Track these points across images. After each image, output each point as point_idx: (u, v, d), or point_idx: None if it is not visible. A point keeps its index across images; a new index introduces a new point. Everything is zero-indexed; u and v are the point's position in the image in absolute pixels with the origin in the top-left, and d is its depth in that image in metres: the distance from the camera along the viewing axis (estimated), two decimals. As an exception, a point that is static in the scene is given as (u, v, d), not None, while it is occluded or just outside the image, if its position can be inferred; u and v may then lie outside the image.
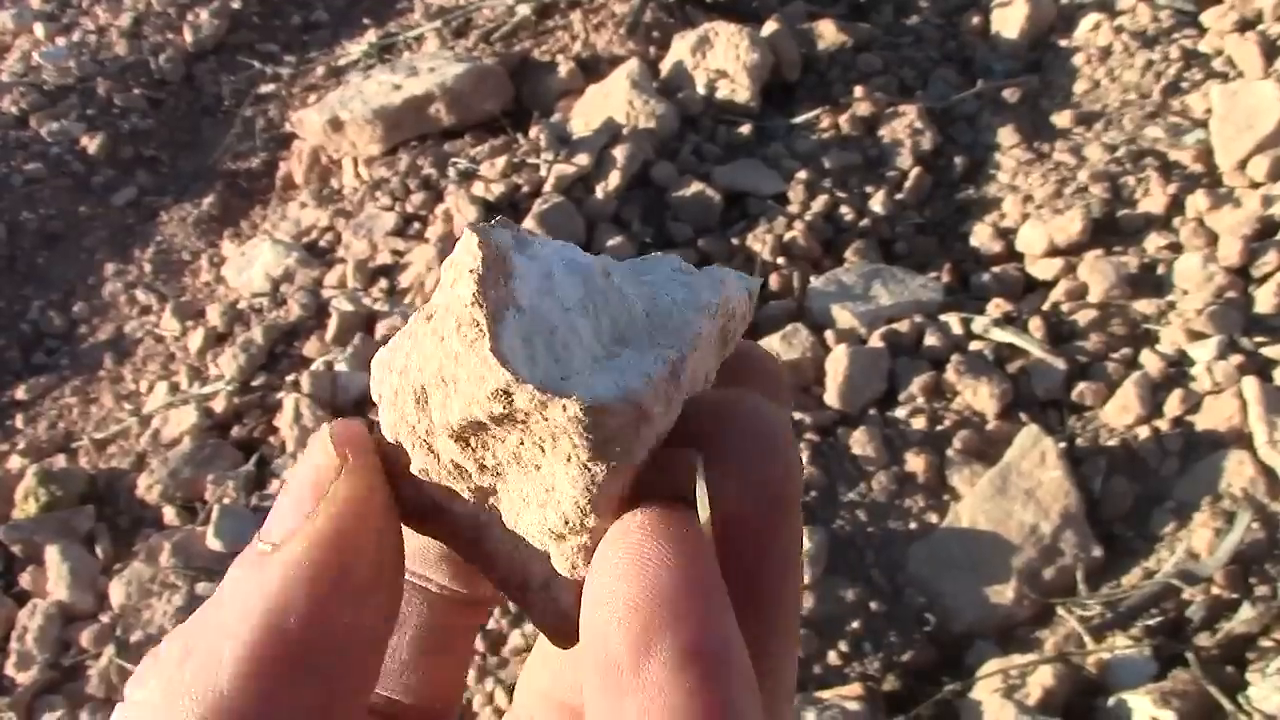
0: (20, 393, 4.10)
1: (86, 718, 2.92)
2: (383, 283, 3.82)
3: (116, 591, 3.13)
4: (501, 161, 4.01)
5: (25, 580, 3.27)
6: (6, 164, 4.95)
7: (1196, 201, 3.44)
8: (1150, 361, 3.10)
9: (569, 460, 0.48)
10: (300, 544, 0.47)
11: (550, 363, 0.48)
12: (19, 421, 3.96)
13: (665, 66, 4.32)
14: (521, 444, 0.49)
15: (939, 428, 3.06)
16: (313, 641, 0.47)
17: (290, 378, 3.60)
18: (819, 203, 3.76)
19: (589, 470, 0.48)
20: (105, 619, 3.11)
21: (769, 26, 4.30)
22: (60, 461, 3.66)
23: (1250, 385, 2.91)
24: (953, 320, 3.30)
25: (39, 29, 5.74)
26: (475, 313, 0.47)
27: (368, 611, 0.49)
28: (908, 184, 3.84)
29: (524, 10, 4.79)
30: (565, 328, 0.49)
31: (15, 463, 3.69)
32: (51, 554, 3.26)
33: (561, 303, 0.49)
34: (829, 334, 3.32)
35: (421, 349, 0.50)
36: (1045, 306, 3.35)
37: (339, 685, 0.48)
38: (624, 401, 0.46)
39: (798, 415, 3.11)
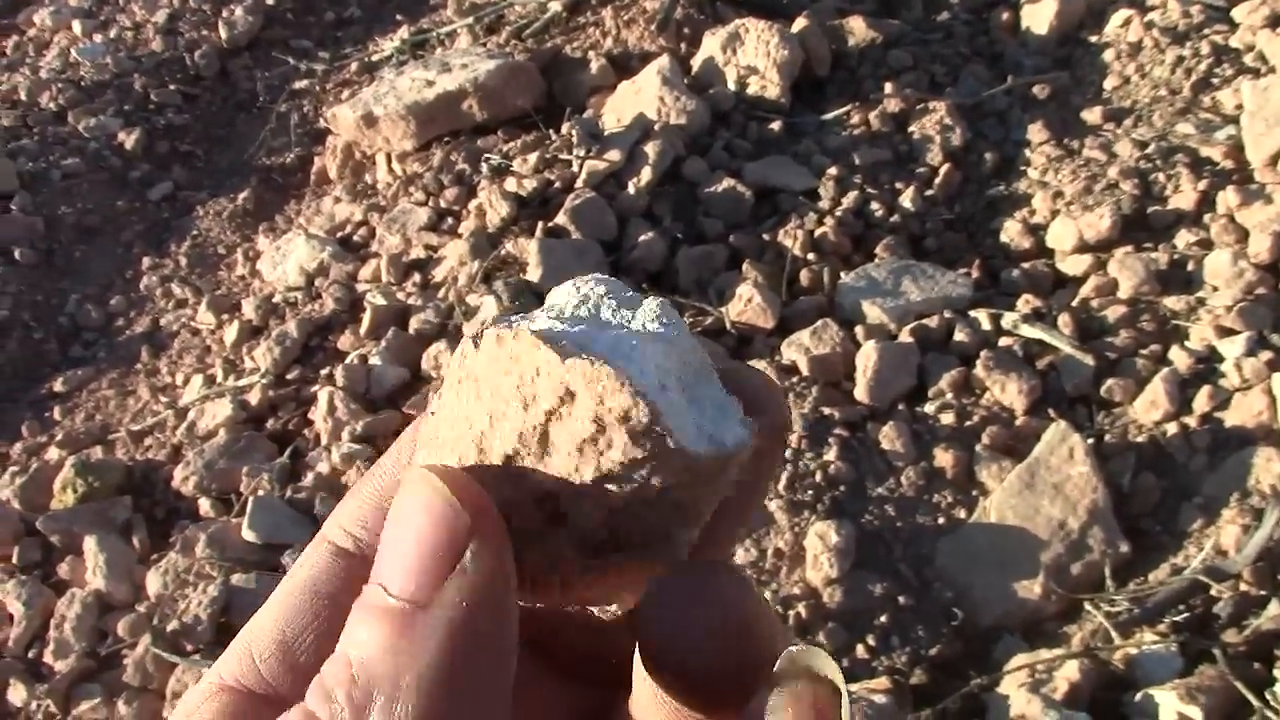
0: (58, 385, 4.14)
1: (123, 706, 2.95)
2: (416, 277, 3.84)
3: (153, 581, 3.16)
4: (534, 157, 4.03)
5: (63, 570, 3.30)
6: (45, 159, 4.99)
7: (1227, 198, 3.44)
8: (1179, 358, 3.10)
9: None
10: (458, 600, 0.51)
11: None
12: (56, 413, 4.00)
13: (696, 63, 4.34)
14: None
15: (968, 423, 3.07)
16: (479, 693, 0.51)
17: (324, 371, 3.63)
18: (849, 199, 3.77)
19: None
20: (142, 609, 3.14)
21: (799, 23, 4.31)
22: (97, 453, 3.69)
23: (1280, 382, 2.92)
24: (982, 316, 3.31)
25: (77, 26, 5.78)
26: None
27: (508, 667, 0.53)
28: (938, 180, 3.85)
29: (555, 7, 4.81)
30: None
31: (53, 454, 3.73)
32: (89, 544, 3.29)
33: None
34: (859, 329, 3.33)
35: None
36: (1074, 303, 3.36)
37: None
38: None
39: (827, 410, 3.12)
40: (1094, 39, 4.26)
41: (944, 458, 2.99)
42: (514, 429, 0.54)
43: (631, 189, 3.85)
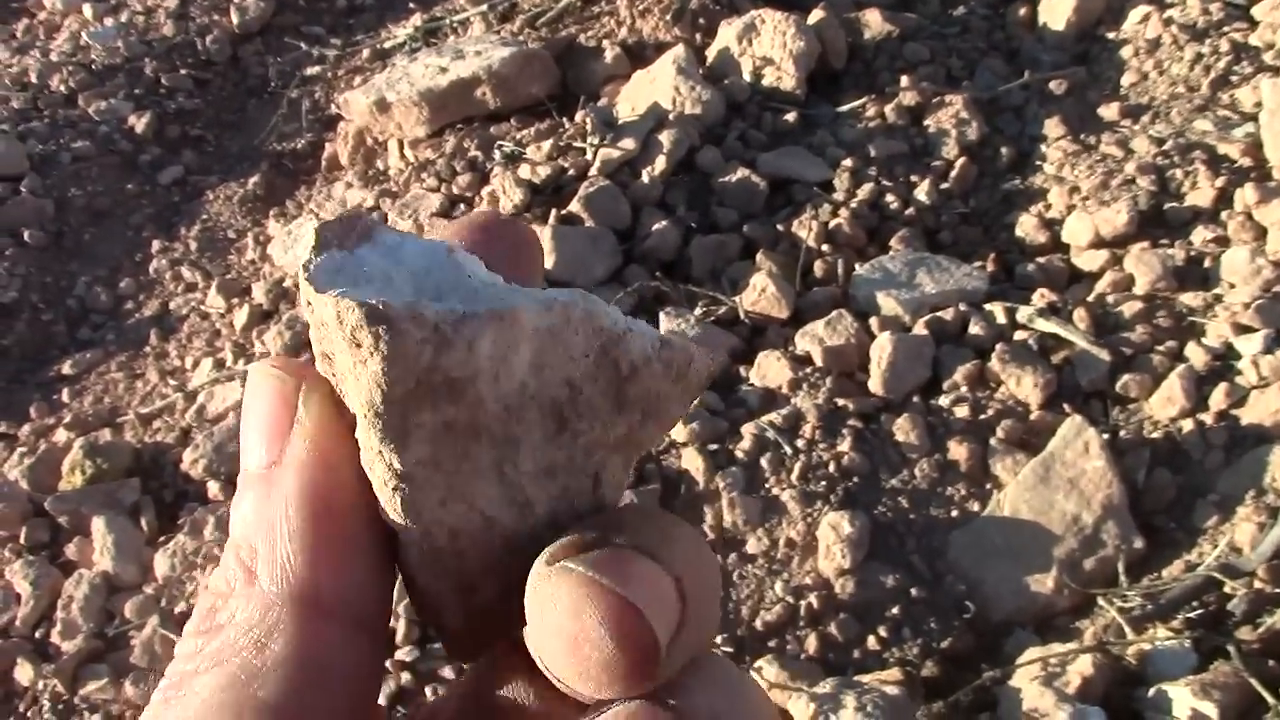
0: (67, 367, 4.14)
1: (130, 687, 2.94)
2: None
3: (161, 563, 3.16)
4: (547, 145, 4.02)
5: (71, 551, 3.30)
6: (55, 142, 4.99)
7: (1245, 195, 3.42)
8: (1196, 354, 3.09)
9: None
10: (300, 445, 0.55)
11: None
12: (65, 396, 3.99)
13: (711, 53, 4.33)
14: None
15: (982, 416, 3.06)
16: (348, 517, 0.55)
17: (334, 356, 3.62)
18: (864, 191, 3.76)
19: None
20: (149, 590, 3.14)
21: (816, 14, 4.29)
22: (106, 435, 3.68)
23: (1296, 380, 2.91)
24: (997, 310, 3.30)
25: (87, 9, 5.77)
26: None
27: (367, 489, 0.55)
28: (953, 173, 3.84)
29: (571, -5, 4.81)
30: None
31: (61, 436, 3.72)
32: (97, 525, 3.29)
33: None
34: (873, 321, 3.32)
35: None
36: (1090, 298, 3.35)
37: (380, 554, 0.56)
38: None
39: (841, 402, 3.11)
40: (1112, 35, 4.25)
41: (958, 450, 2.98)
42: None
43: (645, 178, 3.84)
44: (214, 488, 3.37)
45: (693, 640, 0.54)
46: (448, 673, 2.80)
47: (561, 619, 0.51)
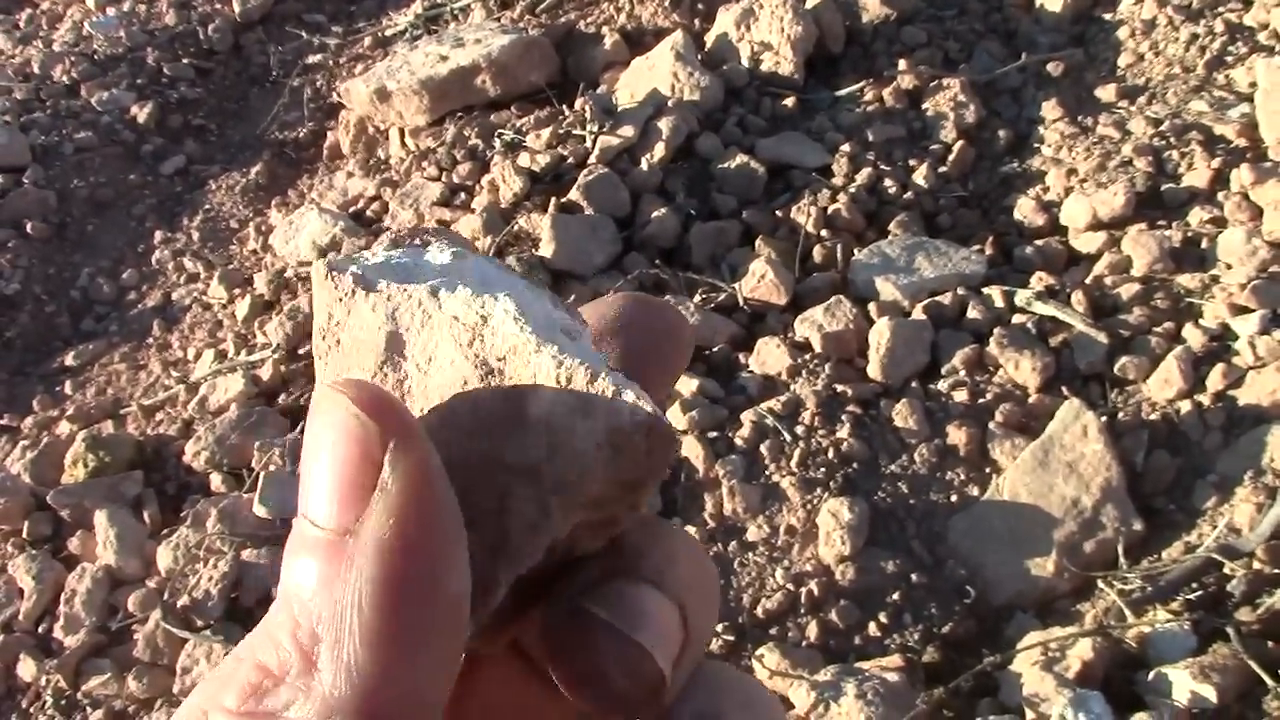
0: (69, 359, 4.15)
1: (133, 681, 2.95)
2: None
3: (164, 556, 3.17)
4: (547, 133, 4.02)
5: (74, 545, 3.31)
6: (58, 133, 5.00)
7: (1241, 175, 3.43)
8: (1193, 336, 3.10)
9: None
10: (384, 521, 0.48)
11: None
12: (68, 387, 4.01)
13: (710, 39, 4.33)
14: None
15: (981, 401, 3.07)
16: (429, 615, 0.48)
17: (337, 346, 3.62)
18: (862, 175, 3.77)
19: None
20: (152, 584, 3.15)
21: (813, -1, 4.30)
22: (109, 427, 3.70)
23: (1293, 360, 2.91)
24: (995, 293, 3.30)
25: (89, -1, 5.79)
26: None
27: (458, 576, 0.50)
28: (951, 157, 3.84)
29: (569, -19, 4.81)
30: None
31: (64, 428, 3.74)
32: (100, 519, 3.30)
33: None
34: (872, 306, 3.33)
35: None
36: (1088, 280, 3.35)
37: (454, 649, 0.50)
38: None
39: (840, 388, 3.12)
40: (1108, 16, 4.25)
41: (957, 435, 2.98)
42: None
43: (645, 165, 3.84)
44: (216, 480, 3.38)
45: (692, 656, 0.57)
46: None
47: (578, 655, 0.55)
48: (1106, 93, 3.96)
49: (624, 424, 0.51)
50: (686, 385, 3.15)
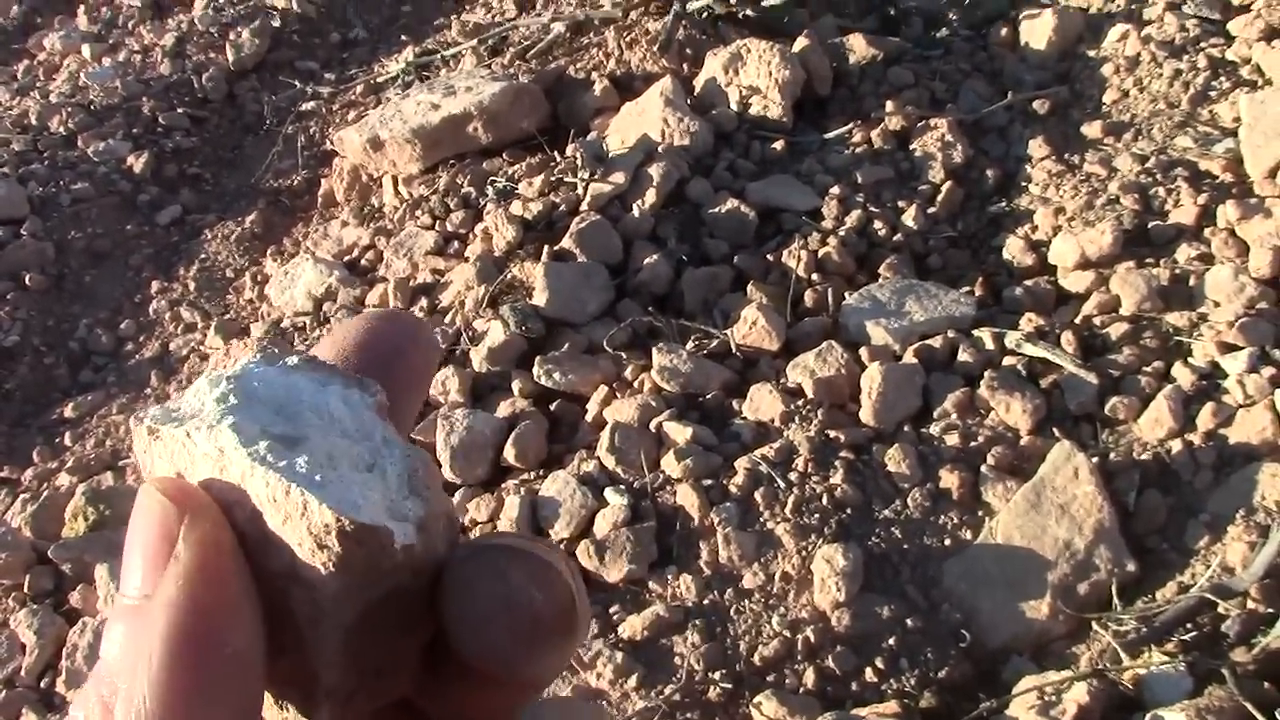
0: (69, 410, 4.18)
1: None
2: (423, 301, 3.86)
3: (166, 612, 3.18)
4: (539, 180, 4.05)
5: (75, 599, 3.33)
6: (55, 184, 5.03)
7: (1227, 211, 3.45)
8: (1182, 375, 3.11)
9: None
10: (173, 584, 0.52)
11: None
12: (67, 439, 4.03)
13: (699, 83, 4.36)
14: None
15: (973, 444, 3.09)
16: (212, 667, 0.52)
17: (334, 397, 3.64)
18: (852, 218, 3.79)
19: None
20: (155, 639, 3.16)
21: (800, 42, 4.33)
22: (108, 479, 3.71)
23: (1283, 398, 2.93)
24: (985, 336, 3.32)
25: (86, 50, 5.83)
26: None
27: (243, 634, 0.53)
28: (940, 197, 3.87)
29: (559, 28, 4.84)
30: None
31: (64, 480, 3.76)
32: (101, 573, 3.32)
33: None
34: (863, 351, 3.35)
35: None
36: (1077, 320, 3.37)
37: (240, 704, 0.53)
38: None
39: (833, 433, 3.14)
40: (1092, 53, 4.28)
41: (950, 479, 3.00)
42: None
43: (636, 211, 3.87)
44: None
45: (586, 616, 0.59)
46: None
47: (489, 584, 0.55)
48: (1092, 130, 3.98)
49: (317, 531, 0.53)
50: (680, 433, 3.17)
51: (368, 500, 0.53)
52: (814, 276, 3.64)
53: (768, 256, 3.74)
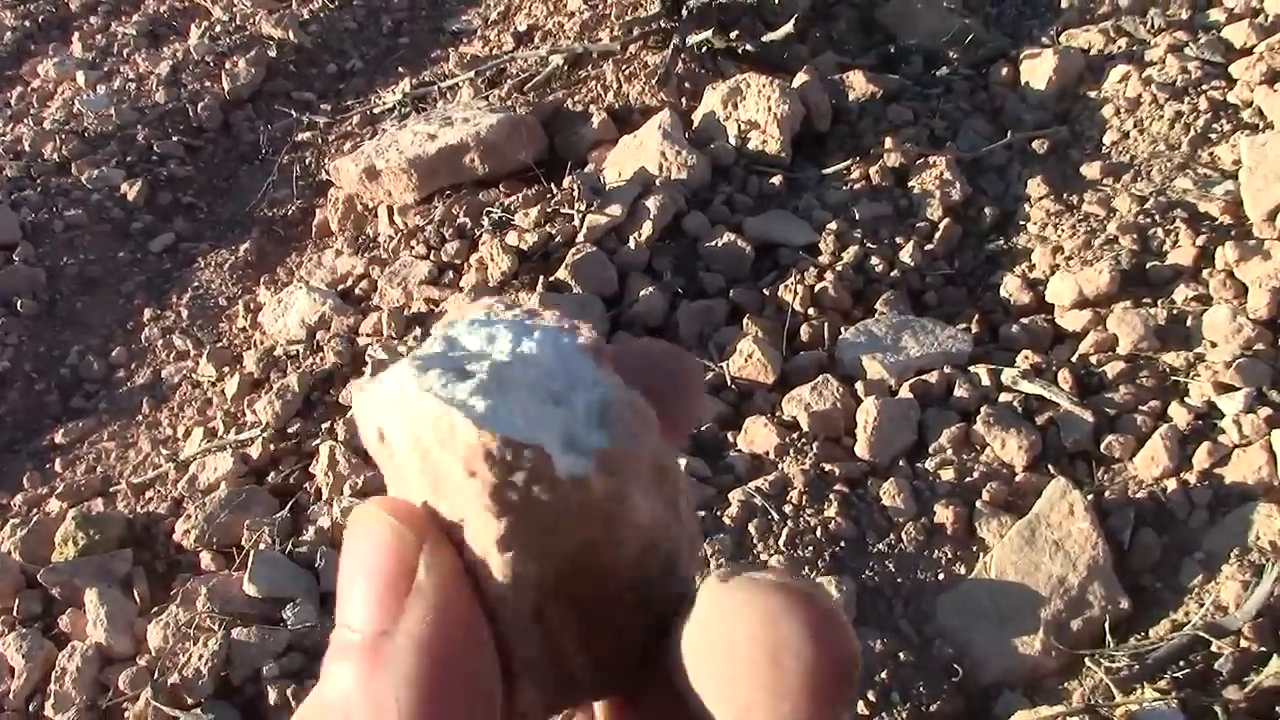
0: (59, 436, 4.15)
1: (123, 761, 2.95)
2: (418, 331, 3.84)
3: (154, 635, 3.16)
4: (535, 211, 4.04)
5: (64, 623, 3.31)
6: (48, 210, 5.02)
7: (1225, 253, 3.45)
8: (1179, 414, 3.11)
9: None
10: (419, 621, 0.48)
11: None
12: (58, 465, 4.01)
13: (697, 117, 4.36)
14: None
15: (968, 479, 3.08)
16: (461, 707, 0.48)
17: (326, 425, 3.63)
18: (849, 253, 3.79)
19: None
20: (143, 662, 3.13)
21: (800, 78, 4.33)
22: (98, 505, 3.69)
23: (1280, 438, 2.93)
24: (982, 372, 3.32)
25: (80, 77, 5.82)
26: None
27: (486, 667, 0.49)
28: (938, 235, 3.87)
29: (557, 60, 4.84)
30: None
31: (54, 506, 3.73)
32: (90, 597, 3.29)
33: None
34: (859, 385, 3.34)
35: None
36: (1074, 358, 3.37)
37: None
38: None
39: (828, 467, 3.13)
40: (1093, 94, 4.29)
41: (944, 514, 2.99)
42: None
43: (632, 244, 3.86)
44: (206, 558, 3.37)
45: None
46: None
47: (755, 628, 0.46)
48: (1092, 170, 3.99)
49: (465, 456, 0.48)
50: (675, 464, 3.16)
51: (532, 422, 0.48)
52: (810, 311, 3.63)
53: (764, 291, 3.74)
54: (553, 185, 4.22)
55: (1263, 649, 2.66)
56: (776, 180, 4.11)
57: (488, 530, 0.48)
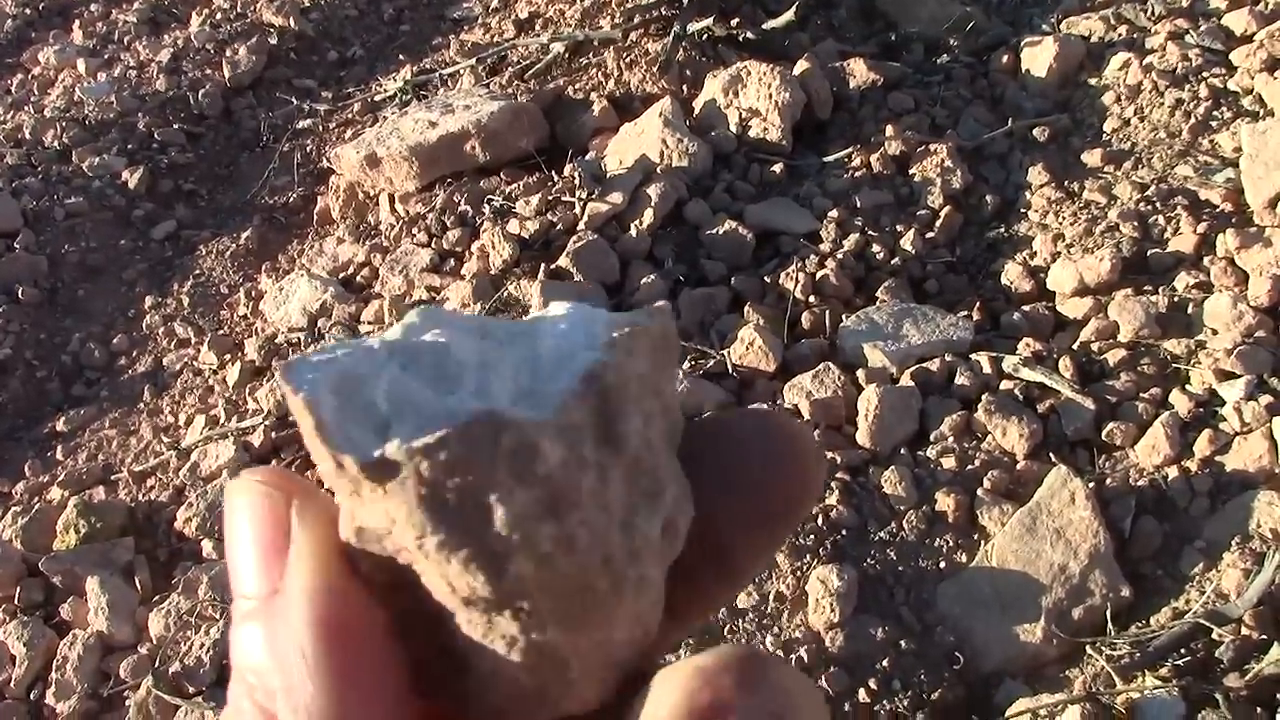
0: (60, 424, 4.15)
1: (125, 749, 2.95)
2: (418, 320, 3.83)
3: (155, 623, 3.17)
4: (536, 199, 4.04)
5: (65, 611, 3.31)
6: (49, 198, 5.01)
7: (1226, 240, 3.45)
8: (1180, 401, 3.11)
9: None
10: (303, 570, 0.49)
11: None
12: (59, 453, 4.00)
13: (698, 105, 4.36)
14: None
15: (969, 467, 3.08)
16: (361, 641, 0.48)
17: (327, 413, 3.62)
18: (850, 241, 3.78)
19: None
20: (144, 650, 3.14)
21: (801, 65, 4.33)
22: (100, 493, 3.69)
23: (1280, 426, 2.93)
24: (983, 359, 3.32)
25: (81, 64, 5.81)
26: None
27: (379, 616, 0.50)
28: (939, 222, 3.86)
29: (558, 48, 4.83)
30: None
31: (55, 494, 3.73)
32: (91, 585, 3.30)
33: None
34: (860, 373, 3.34)
35: None
36: (1075, 346, 3.37)
37: (383, 688, 0.49)
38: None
39: (829, 455, 3.12)
40: (1094, 81, 4.29)
41: (945, 502, 2.99)
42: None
43: (634, 231, 3.86)
44: (207, 546, 3.38)
45: None
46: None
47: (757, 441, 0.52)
48: (1093, 158, 3.98)
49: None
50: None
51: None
52: (811, 299, 3.63)
53: (765, 278, 3.74)
54: (554, 173, 4.22)
55: (1263, 637, 2.66)
56: (777, 168, 4.11)
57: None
